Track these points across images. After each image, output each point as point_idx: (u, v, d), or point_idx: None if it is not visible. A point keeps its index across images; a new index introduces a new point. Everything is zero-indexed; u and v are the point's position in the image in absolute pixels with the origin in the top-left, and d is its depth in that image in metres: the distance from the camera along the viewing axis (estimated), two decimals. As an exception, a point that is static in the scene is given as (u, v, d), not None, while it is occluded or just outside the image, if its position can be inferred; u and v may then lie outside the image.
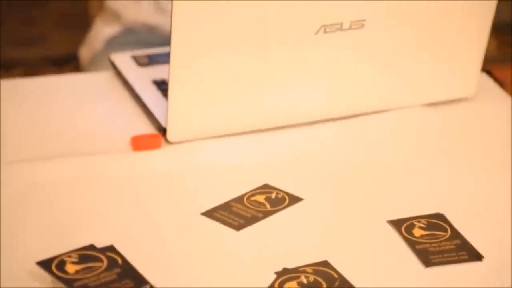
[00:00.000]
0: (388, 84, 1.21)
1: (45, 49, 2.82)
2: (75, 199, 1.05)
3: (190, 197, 1.07)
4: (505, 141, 1.18)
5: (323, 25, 1.12)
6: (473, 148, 1.18)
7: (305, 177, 1.11)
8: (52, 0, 3.02)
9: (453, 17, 1.18)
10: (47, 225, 1.01)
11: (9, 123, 1.19)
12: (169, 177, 1.10)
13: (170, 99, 1.12)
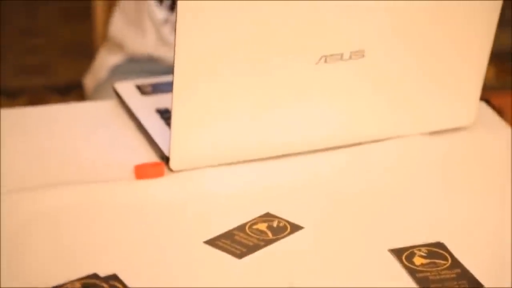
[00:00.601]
0: (388, 113, 1.21)
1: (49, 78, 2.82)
2: (78, 227, 1.05)
3: (192, 226, 1.07)
4: (505, 169, 1.18)
5: (323, 55, 1.13)
6: (473, 176, 1.18)
7: (306, 206, 1.11)
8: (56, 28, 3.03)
9: (452, 46, 1.18)
10: (50, 253, 1.00)
11: (12, 151, 1.19)
12: (172, 206, 1.10)
13: (173, 128, 1.12)
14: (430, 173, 1.18)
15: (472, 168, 1.19)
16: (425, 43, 1.17)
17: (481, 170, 1.19)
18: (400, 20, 1.14)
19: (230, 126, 1.14)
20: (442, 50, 1.18)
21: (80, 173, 1.15)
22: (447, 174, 1.18)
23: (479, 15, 1.17)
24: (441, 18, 1.15)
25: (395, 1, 1.12)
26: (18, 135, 1.22)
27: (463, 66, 1.20)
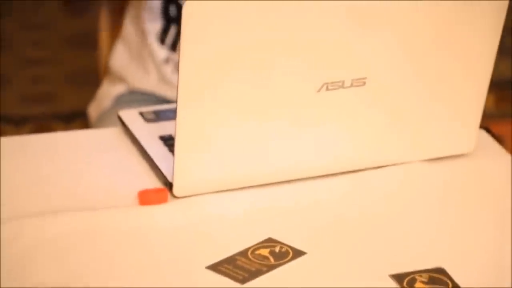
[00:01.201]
0: (389, 140, 1.21)
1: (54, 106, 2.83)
2: (83, 253, 1.05)
3: (195, 251, 1.07)
4: (504, 196, 1.18)
5: (325, 83, 1.13)
6: (473, 203, 1.17)
7: (308, 231, 1.11)
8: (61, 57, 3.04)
9: (452, 75, 1.19)
10: (53, 279, 1.00)
11: (16, 178, 1.19)
12: (175, 231, 1.10)
13: (176, 155, 1.12)
14: (431, 199, 1.18)
15: (472, 194, 1.19)
16: (426, 72, 1.17)
17: (481, 197, 1.19)
18: (400, 48, 1.14)
19: (233, 153, 1.15)
20: (443, 78, 1.18)
21: (84, 199, 1.15)
22: (447, 201, 1.18)
23: (479, 44, 1.17)
24: (441, 47, 1.16)
25: (396, 30, 1.13)
26: (22, 162, 1.22)
27: (463, 94, 1.21)
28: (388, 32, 1.13)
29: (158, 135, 1.26)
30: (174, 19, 1.64)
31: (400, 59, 1.15)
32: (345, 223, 1.12)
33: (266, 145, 1.16)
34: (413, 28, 1.13)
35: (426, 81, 1.18)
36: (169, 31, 1.66)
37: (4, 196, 1.15)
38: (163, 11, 1.65)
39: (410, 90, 1.18)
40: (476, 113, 1.23)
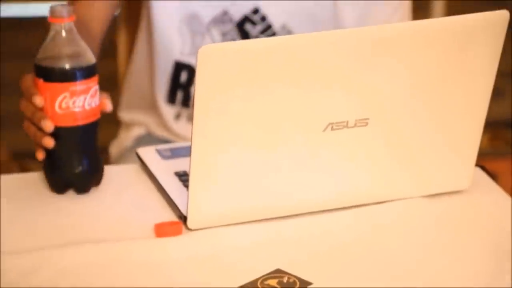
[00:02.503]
0: (390, 177, 1.21)
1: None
2: (101, 284, 1.05)
3: (208, 280, 1.06)
4: (499, 230, 1.18)
5: (330, 123, 1.13)
6: (469, 237, 1.17)
7: (314, 262, 1.10)
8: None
9: (450, 116, 1.19)
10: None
11: (40, 210, 1.20)
12: (189, 262, 1.09)
13: (190, 190, 1.12)
14: (429, 233, 1.17)
15: (469, 229, 1.18)
16: (425, 113, 1.17)
17: (477, 231, 1.18)
18: (401, 91, 1.14)
19: (243, 188, 1.15)
20: (441, 120, 1.18)
21: (104, 231, 1.15)
22: (445, 234, 1.17)
23: (475, 87, 1.18)
24: (439, 91, 1.16)
25: (396, 74, 1.13)
26: (43, 195, 1.23)
27: (460, 134, 1.20)
28: (388, 76, 1.13)
29: (174, 171, 1.27)
30: (182, 85, 1.61)
31: (400, 101, 1.15)
32: (348, 255, 1.12)
33: (274, 181, 1.15)
34: (412, 72, 1.14)
35: (425, 122, 1.18)
36: (176, 93, 1.62)
37: (25, 228, 1.15)
38: (173, 76, 1.61)
39: (410, 130, 1.18)
40: (472, 152, 1.22)
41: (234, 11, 1.53)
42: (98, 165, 1.24)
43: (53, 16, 1.17)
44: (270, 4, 1.53)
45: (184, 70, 1.58)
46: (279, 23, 1.54)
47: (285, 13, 1.54)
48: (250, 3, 1.52)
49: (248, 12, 1.52)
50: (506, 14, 1.13)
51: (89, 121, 1.19)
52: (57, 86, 1.17)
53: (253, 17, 1.53)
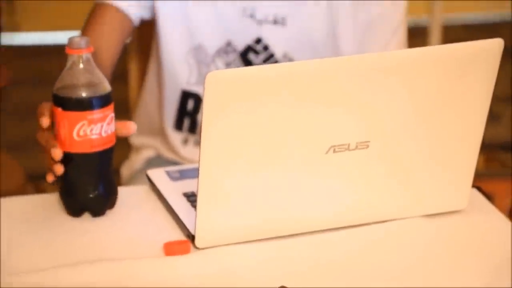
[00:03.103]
0: (391, 198, 1.20)
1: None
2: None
3: (215, 297, 1.06)
4: (495, 250, 1.17)
5: (332, 145, 1.13)
6: (466, 254, 1.16)
7: (318, 279, 1.10)
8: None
9: (447, 140, 1.19)
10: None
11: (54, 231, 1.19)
12: (197, 279, 1.09)
13: (198, 210, 1.12)
14: (428, 251, 1.17)
15: (466, 247, 1.18)
16: (423, 136, 1.17)
17: (474, 249, 1.18)
18: (400, 116, 1.14)
19: (249, 208, 1.15)
20: (439, 143, 1.18)
21: (115, 250, 1.15)
22: (443, 252, 1.17)
23: (471, 112, 1.18)
24: (437, 115, 1.16)
25: (396, 100, 1.13)
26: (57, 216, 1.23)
27: (457, 156, 1.20)
28: (388, 101, 1.13)
29: (182, 192, 1.27)
30: (189, 112, 1.61)
31: (400, 125, 1.15)
32: (349, 272, 1.12)
33: (279, 201, 1.15)
34: (411, 97, 1.14)
35: (424, 145, 1.18)
36: (183, 121, 1.62)
37: (39, 248, 1.15)
38: (180, 104, 1.61)
39: (409, 153, 1.18)
40: (468, 174, 1.22)
41: (237, 42, 1.53)
42: (112, 189, 1.24)
43: (71, 47, 1.18)
44: (272, 34, 1.53)
45: (191, 98, 1.58)
46: (281, 52, 1.55)
47: (286, 42, 1.54)
48: (252, 33, 1.53)
49: (251, 42, 1.53)
50: (501, 42, 1.13)
51: (105, 147, 1.20)
52: (75, 115, 1.17)
53: (256, 46, 1.53)
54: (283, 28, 1.52)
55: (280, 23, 1.52)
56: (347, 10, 1.54)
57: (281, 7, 1.51)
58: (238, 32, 1.52)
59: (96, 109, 1.18)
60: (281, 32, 1.52)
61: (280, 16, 1.52)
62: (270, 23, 1.51)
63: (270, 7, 1.51)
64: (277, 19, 1.51)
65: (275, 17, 1.51)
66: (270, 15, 1.51)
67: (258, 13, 1.51)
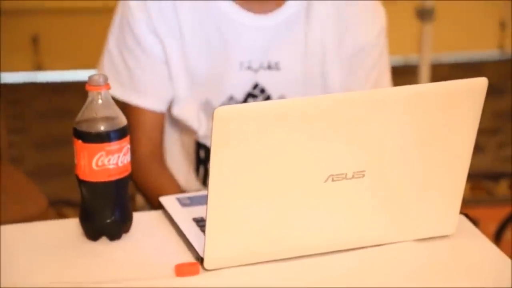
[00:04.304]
0: (384, 223, 1.20)
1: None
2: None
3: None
4: (481, 272, 1.17)
5: (331, 174, 1.13)
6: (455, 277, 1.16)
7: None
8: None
9: (437, 170, 1.18)
10: None
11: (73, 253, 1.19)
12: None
13: (207, 234, 1.12)
14: (419, 273, 1.16)
15: (454, 270, 1.17)
16: (415, 167, 1.17)
17: (462, 271, 1.17)
18: (393, 148, 1.14)
19: (254, 233, 1.14)
20: (429, 173, 1.18)
21: (129, 271, 1.15)
22: (433, 274, 1.16)
23: (459, 145, 1.17)
24: (427, 148, 1.16)
25: (389, 133, 1.13)
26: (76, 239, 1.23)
27: (445, 185, 1.20)
28: (382, 134, 1.13)
29: (192, 217, 1.26)
30: (202, 160, 1.59)
31: (393, 156, 1.15)
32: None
33: (282, 226, 1.15)
34: (403, 131, 1.14)
35: (415, 175, 1.18)
36: (199, 171, 1.61)
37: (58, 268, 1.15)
38: (195, 153, 1.59)
39: (401, 182, 1.17)
40: (456, 201, 1.22)
41: (238, 94, 1.52)
42: (128, 214, 1.24)
43: (91, 84, 1.19)
44: (267, 78, 1.52)
45: (202, 149, 1.58)
46: (277, 94, 1.53)
47: (281, 85, 1.53)
48: (251, 81, 1.52)
49: (249, 89, 1.52)
50: (485, 81, 1.13)
51: (122, 176, 1.20)
52: (94, 147, 1.18)
53: (253, 91, 1.52)
54: (278, 72, 1.51)
55: (274, 68, 1.51)
56: (334, 46, 1.52)
57: (274, 54, 1.50)
58: (238, 85, 1.51)
59: (113, 141, 1.18)
60: (276, 76, 1.52)
61: (273, 62, 1.51)
62: (265, 69, 1.51)
63: (264, 56, 1.50)
64: (271, 65, 1.51)
65: (269, 63, 1.51)
66: (264, 62, 1.51)
67: (253, 63, 1.50)
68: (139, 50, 1.48)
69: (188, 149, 1.58)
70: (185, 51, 1.48)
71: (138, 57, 1.49)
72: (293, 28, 1.49)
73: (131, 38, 1.49)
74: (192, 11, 1.47)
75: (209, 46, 1.48)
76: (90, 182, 1.19)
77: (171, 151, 1.60)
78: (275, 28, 1.48)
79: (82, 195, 1.22)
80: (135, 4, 1.47)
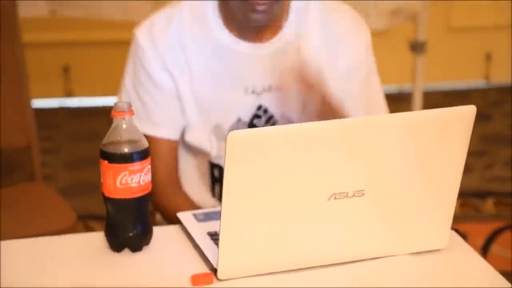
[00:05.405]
0: (382, 238, 1.19)
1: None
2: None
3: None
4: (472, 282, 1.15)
5: (333, 193, 1.12)
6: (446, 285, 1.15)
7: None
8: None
9: (430, 189, 1.18)
10: None
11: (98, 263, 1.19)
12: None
13: (220, 247, 1.11)
14: (415, 283, 1.15)
15: (446, 280, 1.16)
16: (410, 187, 1.16)
17: (453, 282, 1.16)
18: (391, 169, 1.14)
19: (264, 245, 1.13)
20: (422, 191, 1.17)
21: (150, 280, 1.14)
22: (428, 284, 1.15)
23: (450, 166, 1.17)
24: (421, 169, 1.15)
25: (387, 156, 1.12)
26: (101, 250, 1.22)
27: (438, 203, 1.19)
28: (380, 157, 1.12)
29: (207, 231, 1.26)
30: (217, 179, 1.58)
31: (390, 177, 1.14)
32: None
33: (288, 240, 1.14)
34: (399, 153, 1.13)
35: (411, 193, 1.17)
36: (215, 189, 1.59)
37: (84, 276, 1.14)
38: (210, 173, 1.58)
39: (398, 200, 1.17)
40: (448, 217, 1.21)
41: (245, 116, 1.52)
42: (149, 228, 1.23)
43: (116, 110, 1.19)
44: (269, 99, 1.52)
45: (216, 168, 1.57)
46: (279, 113, 1.53)
47: (282, 105, 1.53)
48: (255, 104, 1.52)
49: (255, 110, 1.52)
50: (474, 109, 1.13)
51: (143, 193, 1.20)
52: (118, 167, 1.18)
53: (258, 112, 1.52)
54: (278, 94, 1.52)
55: (275, 90, 1.51)
56: (328, 65, 1.52)
57: (274, 78, 1.51)
58: (245, 107, 1.52)
59: (136, 162, 1.18)
60: (276, 97, 1.52)
61: (274, 84, 1.51)
62: (267, 91, 1.51)
63: (266, 80, 1.51)
64: (272, 87, 1.51)
65: (270, 86, 1.51)
66: (266, 86, 1.51)
67: (257, 87, 1.51)
68: (152, 86, 1.50)
69: (203, 169, 1.58)
70: (194, 83, 1.50)
71: (151, 93, 1.50)
72: (289, 53, 1.50)
73: (144, 76, 1.50)
74: (198, 46, 1.49)
75: (215, 76, 1.49)
76: (115, 199, 1.19)
77: (186, 173, 1.60)
78: (273, 54, 1.50)
79: (107, 210, 1.21)
80: (146, 45, 1.48)
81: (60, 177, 3.00)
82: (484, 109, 3.49)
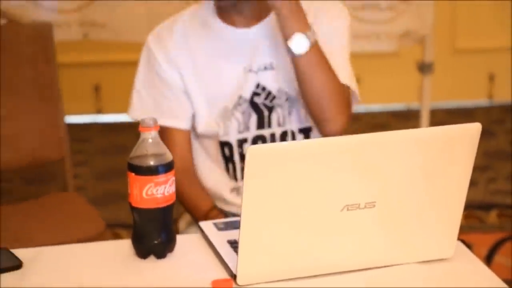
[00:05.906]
0: (391, 247, 1.18)
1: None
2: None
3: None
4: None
5: (346, 205, 1.12)
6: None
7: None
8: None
9: (438, 202, 1.17)
10: None
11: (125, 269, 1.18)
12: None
13: (239, 254, 1.11)
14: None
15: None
16: (419, 199, 1.15)
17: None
18: (400, 182, 1.13)
19: (280, 253, 1.13)
20: (430, 204, 1.16)
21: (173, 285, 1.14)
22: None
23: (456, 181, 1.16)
24: (429, 183, 1.14)
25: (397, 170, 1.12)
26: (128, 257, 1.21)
27: (445, 214, 1.18)
28: (391, 171, 1.12)
29: (227, 240, 1.25)
30: (228, 158, 1.59)
31: (400, 190, 1.14)
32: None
33: (303, 248, 1.14)
34: (409, 168, 1.12)
35: (419, 205, 1.16)
36: (229, 169, 1.60)
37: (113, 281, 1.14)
38: (221, 153, 1.59)
39: (407, 211, 1.16)
40: (454, 228, 1.20)
41: (245, 93, 1.56)
42: (172, 236, 1.23)
43: (143, 125, 1.19)
44: (266, 77, 1.56)
45: (226, 147, 1.59)
46: (275, 88, 1.57)
47: (277, 80, 1.57)
48: (253, 81, 1.56)
49: (253, 88, 1.56)
50: (479, 126, 1.12)
51: (167, 204, 1.20)
52: (144, 179, 1.18)
53: (256, 90, 1.56)
54: (273, 71, 1.56)
55: (269, 68, 1.56)
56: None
57: (267, 57, 1.56)
58: (244, 85, 1.56)
59: (161, 174, 1.18)
60: (272, 74, 1.57)
61: (268, 63, 1.56)
62: (262, 70, 1.56)
63: (260, 60, 1.56)
64: (267, 66, 1.56)
65: (265, 65, 1.56)
66: (261, 65, 1.56)
67: (254, 66, 1.56)
68: (161, 83, 1.56)
69: (213, 151, 1.60)
70: (199, 74, 1.55)
71: (161, 89, 1.56)
72: (278, 34, 1.53)
73: (154, 75, 1.56)
74: (198, 36, 1.56)
75: (216, 63, 1.55)
76: (141, 209, 1.19)
77: (199, 160, 1.62)
78: (264, 35, 1.55)
79: (134, 219, 1.21)
80: (154, 46, 1.56)
81: (91, 188, 3.01)
82: (487, 126, 3.47)
